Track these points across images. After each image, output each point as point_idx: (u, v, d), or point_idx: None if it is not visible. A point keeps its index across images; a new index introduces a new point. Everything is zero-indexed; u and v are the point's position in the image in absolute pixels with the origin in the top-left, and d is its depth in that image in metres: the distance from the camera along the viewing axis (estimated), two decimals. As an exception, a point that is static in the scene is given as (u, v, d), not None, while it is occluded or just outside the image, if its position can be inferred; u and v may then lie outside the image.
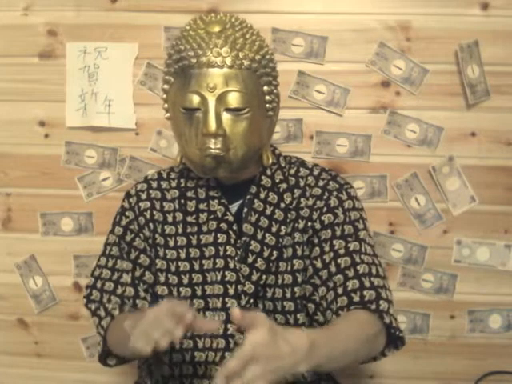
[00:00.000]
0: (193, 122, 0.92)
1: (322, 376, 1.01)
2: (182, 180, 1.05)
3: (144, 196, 1.05)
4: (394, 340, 0.93)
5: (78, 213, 1.42)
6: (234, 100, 0.91)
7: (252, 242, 0.97)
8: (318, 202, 1.00)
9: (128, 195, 1.07)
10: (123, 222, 1.04)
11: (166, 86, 0.97)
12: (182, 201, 1.02)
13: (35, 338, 1.47)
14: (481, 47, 1.30)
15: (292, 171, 1.04)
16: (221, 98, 0.90)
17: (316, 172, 1.04)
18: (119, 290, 0.99)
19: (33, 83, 1.40)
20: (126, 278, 1.00)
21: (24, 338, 1.47)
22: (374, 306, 0.89)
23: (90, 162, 1.41)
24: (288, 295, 0.96)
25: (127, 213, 1.04)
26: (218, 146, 0.91)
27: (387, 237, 1.37)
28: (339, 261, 0.94)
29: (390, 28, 1.32)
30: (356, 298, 0.90)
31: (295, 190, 1.02)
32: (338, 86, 1.34)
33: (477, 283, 1.36)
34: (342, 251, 0.95)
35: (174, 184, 1.05)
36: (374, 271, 0.94)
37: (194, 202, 1.01)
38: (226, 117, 0.91)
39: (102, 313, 0.98)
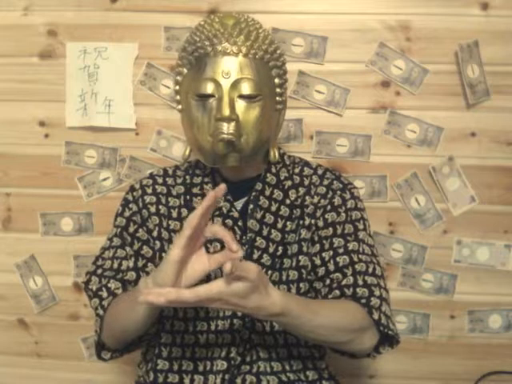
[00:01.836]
0: (206, 108, 0.94)
1: (323, 375, 1.02)
2: (187, 177, 1.06)
3: (149, 190, 1.05)
4: (389, 338, 0.95)
5: (78, 213, 1.42)
6: (247, 87, 0.93)
7: (257, 238, 0.98)
8: (323, 201, 1.02)
9: (132, 189, 1.07)
10: (126, 214, 1.04)
11: (178, 78, 0.99)
12: (188, 197, 1.03)
13: (35, 338, 1.47)
14: (481, 47, 1.30)
15: (296, 170, 1.06)
16: (235, 85, 0.92)
17: (320, 171, 1.06)
18: (120, 276, 0.99)
19: (33, 83, 1.40)
20: (128, 263, 0.99)
21: (24, 338, 1.47)
22: (364, 301, 0.92)
23: (90, 161, 1.41)
24: (293, 291, 0.97)
25: (130, 205, 1.05)
26: (231, 130, 0.92)
27: (387, 237, 1.37)
28: (338, 259, 0.96)
29: (390, 28, 1.32)
30: (348, 293, 0.93)
31: (300, 189, 1.03)
32: (338, 85, 1.34)
33: (477, 283, 1.36)
34: (341, 250, 0.97)
35: (179, 181, 1.06)
36: (370, 270, 0.96)
37: (199, 198, 1.02)
38: (239, 103, 0.93)
39: (104, 293, 0.97)
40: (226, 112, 0.91)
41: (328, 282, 0.96)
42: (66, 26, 1.38)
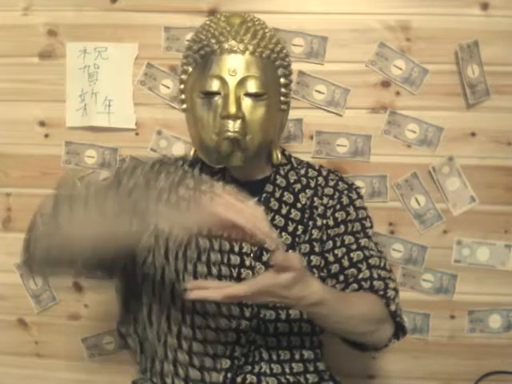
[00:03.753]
0: (211, 106, 0.93)
1: (323, 377, 1.02)
2: (195, 172, 1.02)
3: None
4: (396, 330, 0.97)
5: (78, 213, 1.42)
6: (253, 85, 0.93)
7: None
8: (331, 201, 1.03)
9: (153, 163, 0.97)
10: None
11: (183, 76, 0.98)
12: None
13: (35, 338, 1.47)
14: (481, 47, 1.30)
15: (302, 172, 1.07)
16: (241, 83, 0.92)
17: (324, 173, 1.08)
18: None
19: (33, 83, 1.40)
20: None
21: (24, 338, 1.47)
22: (381, 293, 0.94)
23: (90, 161, 1.41)
24: None
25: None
26: (237, 128, 0.92)
27: (387, 237, 1.36)
28: (352, 255, 0.98)
29: (389, 28, 1.32)
30: (366, 286, 0.94)
31: (307, 190, 1.04)
32: (338, 85, 1.34)
33: (477, 283, 1.36)
34: (353, 246, 0.99)
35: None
36: (382, 264, 0.98)
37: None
38: (245, 101, 0.93)
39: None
40: (233, 109, 0.90)
41: (342, 278, 0.97)
42: (66, 26, 1.38)
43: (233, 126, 0.91)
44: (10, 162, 1.43)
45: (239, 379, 0.95)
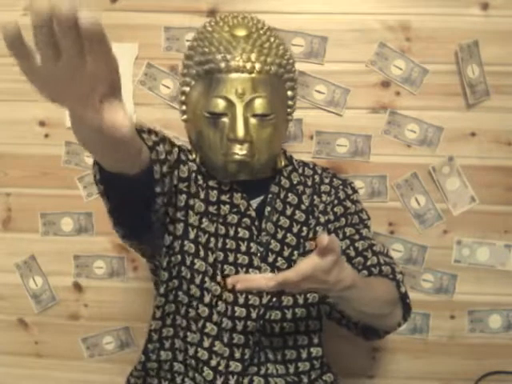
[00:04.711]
0: (218, 126, 0.92)
1: (323, 371, 1.02)
2: (203, 169, 1.00)
3: (183, 157, 0.98)
4: (404, 313, 0.99)
5: (78, 213, 1.42)
6: (261, 106, 0.92)
7: (272, 241, 0.98)
8: (329, 198, 1.05)
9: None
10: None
11: (185, 88, 0.96)
12: (205, 185, 0.99)
13: (35, 338, 1.47)
14: (481, 47, 1.30)
15: (300, 170, 1.07)
16: (248, 104, 0.91)
17: (319, 171, 1.08)
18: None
19: (33, 83, 1.40)
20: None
21: (24, 338, 1.47)
22: (391, 276, 0.95)
23: (90, 161, 1.40)
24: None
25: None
26: (244, 151, 0.91)
27: (387, 237, 1.37)
28: (356, 245, 0.99)
29: (389, 28, 1.32)
30: (375, 271, 0.96)
31: (306, 189, 1.04)
32: (338, 85, 1.34)
33: (477, 283, 1.36)
34: (356, 237, 1.00)
35: (195, 167, 0.99)
36: (385, 251, 1.01)
37: (215, 192, 0.98)
38: (252, 122, 0.92)
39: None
40: (241, 134, 0.90)
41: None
42: (66, 26, 1.38)
43: (240, 149, 0.91)
44: (10, 162, 1.43)
45: (246, 381, 0.94)
